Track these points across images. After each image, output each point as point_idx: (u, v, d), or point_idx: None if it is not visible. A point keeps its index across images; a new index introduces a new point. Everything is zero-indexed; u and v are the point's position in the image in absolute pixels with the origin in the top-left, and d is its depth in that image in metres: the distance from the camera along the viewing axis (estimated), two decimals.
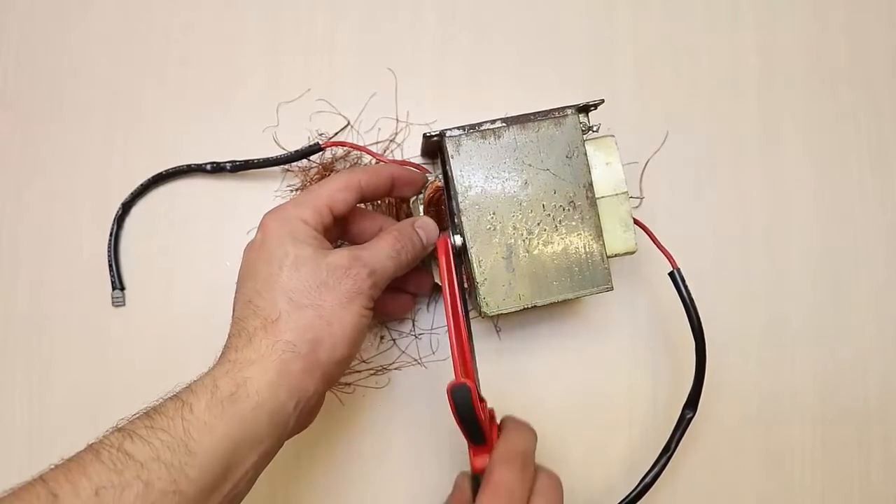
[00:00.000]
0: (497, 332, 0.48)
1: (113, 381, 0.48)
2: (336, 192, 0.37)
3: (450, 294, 0.38)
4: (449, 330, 0.38)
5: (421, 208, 0.43)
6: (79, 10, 0.51)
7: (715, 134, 0.51)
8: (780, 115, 0.51)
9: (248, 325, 0.34)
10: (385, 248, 0.37)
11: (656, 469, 0.42)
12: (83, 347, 0.48)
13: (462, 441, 0.47)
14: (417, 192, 0.43)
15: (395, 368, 0.48)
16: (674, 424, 0.42)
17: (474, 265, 0.39)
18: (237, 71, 0.50)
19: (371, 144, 0.49)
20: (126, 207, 0.49)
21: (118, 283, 0.48)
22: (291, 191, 0.49)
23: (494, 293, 0.40)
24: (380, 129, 0.49)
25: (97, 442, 0.29)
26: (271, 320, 0.33)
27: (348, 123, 0.49)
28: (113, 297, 0.48)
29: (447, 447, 0.47)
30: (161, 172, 0.49)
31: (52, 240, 0.49)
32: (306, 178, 0.48)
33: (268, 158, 0.47)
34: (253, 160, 0.47)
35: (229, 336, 0.35)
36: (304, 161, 0.48)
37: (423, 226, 0.40)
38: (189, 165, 0.48)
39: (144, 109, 0.50)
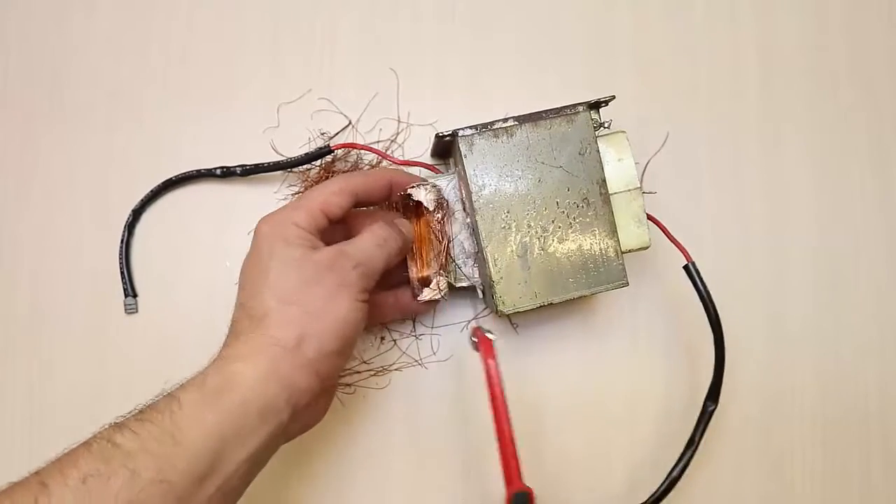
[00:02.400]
0: (514, 327, 0.48)
1: (115, 384, 0.48)
2: (331, 195, 0.38)
3: (500, 400, 0.37)
4: (500, 435, 0.37)
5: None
6: (79, 10, 0.51)
7: (715, 134, 0.51)
8: (780, 115, 0.51)
9: (239, 325, 0.35)
10: (369, 239, 0.38)
11: (682, 463, 0.42)
12: (85, 350, 0.48)
13: (462, 443, 0.47)
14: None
15: (396, 369, 0.48)
16: (685, 418, 0.42)
17: (490, 264, 0.39)
18: (237, 71, 0.50)
19: (372, 144, 0.49)
20: (136, 214, 0.48)
21: (130, 291, 0.48)
22: (292, 193, 0.49)
23: (510, 291, 0.40)
24: (381, 129, 0.49)
25: (91, 437, 0.30)
26: (259, 317, 0.34)
27: (349, 123, 0.49)
28: (126, 305, 0.48)
29: (448, 447, 0.47)
30: (171, 178, 0.48)
31: (54, 241, 0.49)
32: (306, 179, 0.48)
33: (278, 162, 0.47)
34: (263, 164, 0.47)
35: (225, 338, 0.35)
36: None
37: (402, 223, 0.41)
38: (199, 170, 0.48)
39: (144, 109, 0.50)
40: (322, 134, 0.49)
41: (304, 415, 0.35)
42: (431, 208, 0.41)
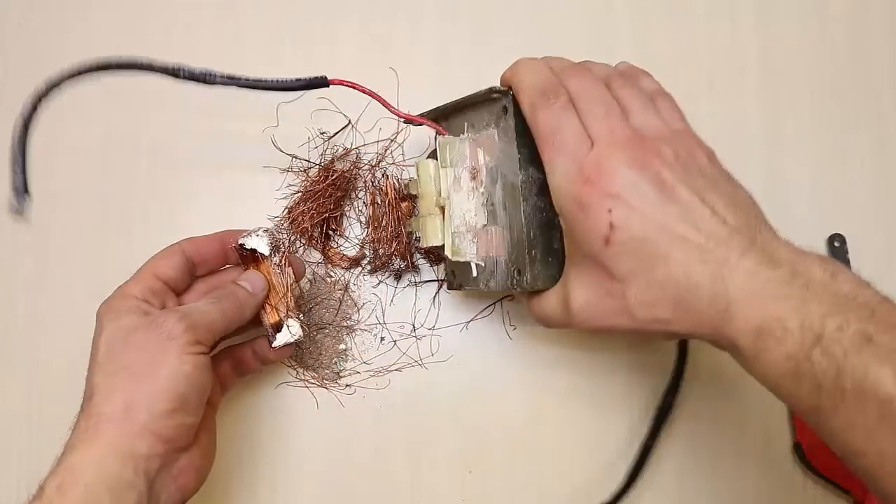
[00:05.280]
0: (512, 328, 0.48)
1: None
2: (159, 259, 0.39)
3: None
4: None
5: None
6: (78, 9, 0.51)
7: (715, 134, 0.50)
8: (781, 114, 0.51)
9: (78, 416, 0.34)
10: (205, 299, 0.38)
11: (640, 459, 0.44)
12: (86, 349, 0.48)
13: (463, 443, 0.47)
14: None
15: (396, 370, 0.48)
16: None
17: (526, 240, 0.37)
18: (237, 71, 0.50)
19: (371, 144, 0.49)
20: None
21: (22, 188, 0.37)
22: (292, 193, 0.48)
23: (538, 270, 0.37)
24: (380, 129, 0.49)
25: None
26: (88, 398, 0.34)
27: (349, 123, 0.49)
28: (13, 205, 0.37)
29: (447, 448, 0.47)
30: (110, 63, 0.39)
31: (53, 241, 0.49)
32: (306, 179, 0.48)
33: (259, 80, 0.40)
34: (242, 78, 0.40)
35: None
36: (305, 162, 0.48)
37: (247, 278, 0.40)
38: (148, 64, 0.38)
39: (145, 109, 0.50)
40: (322, 133, 0.49)
41: (172, 479, 0.35)
42: (267, 253, 0.40)
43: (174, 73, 0.39)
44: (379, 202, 0.48)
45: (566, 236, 0.35)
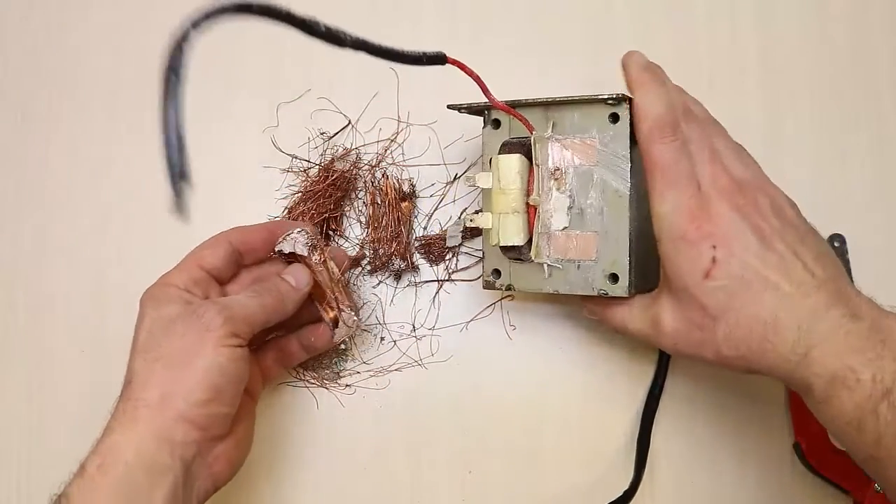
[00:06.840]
0: (511, 328, 0.48)
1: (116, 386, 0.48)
2: (203, 249, 0.39)
3: None
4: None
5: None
6: (78, 9, 0.51)
7: None
8: (781, 115, 0.51)
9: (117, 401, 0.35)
10: (246, 292, 0.38)
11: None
12: (85, 350, 0.48)
13: (463, 443, 0.47)
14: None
15: (396, 370, 0.48)
16: None
17: (630, 244, 0.38)
18: (237, 70, 0.50)
19: (370, 144, 0.49)
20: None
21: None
22: (292, 193, 0.49)
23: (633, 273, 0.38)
24: (381, 129, 0.49)
25: None
26: (127, 382, 0.35)
27: (349, 123, 0.49)
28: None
29: (447, 448, 0.47)
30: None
31: (53, 241, 0.49)
32: (306, 179, 0.48)
33: (388, 49, 0.36)
34: (373, 44, 0.35)
35: None
36: (305, 162, 0.48)
37: (291, 272, 0.40)
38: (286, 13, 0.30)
39: (144, 109, 0.50)
40: (322, 133, 0.49)
41: (207, 466, 0.36)
42: (305, 254, 0.40)
43: (308, 27, 0.33)
44: (379, 202, 0.48)
45: (661, 264, 0.36)
